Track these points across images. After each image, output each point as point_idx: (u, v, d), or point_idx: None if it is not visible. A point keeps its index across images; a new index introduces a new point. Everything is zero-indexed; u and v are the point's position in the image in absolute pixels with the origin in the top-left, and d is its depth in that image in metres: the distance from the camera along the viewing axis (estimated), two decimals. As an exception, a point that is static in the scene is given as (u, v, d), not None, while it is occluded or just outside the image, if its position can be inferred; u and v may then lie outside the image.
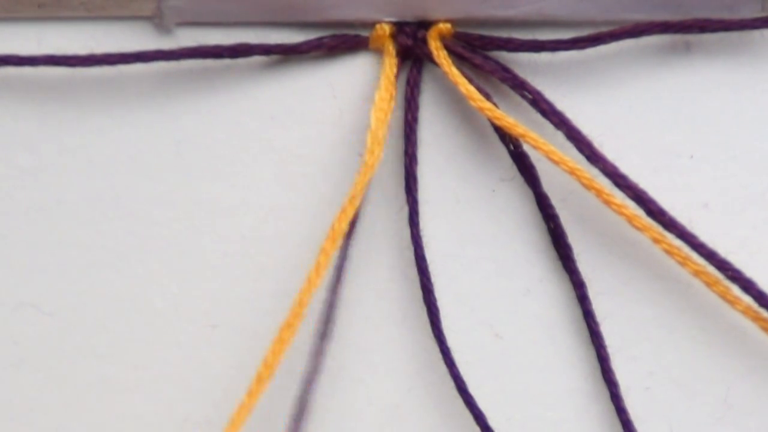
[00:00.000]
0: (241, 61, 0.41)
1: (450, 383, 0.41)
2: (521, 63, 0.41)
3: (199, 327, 0.41)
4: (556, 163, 0.39)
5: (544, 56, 0.41)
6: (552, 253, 0.41)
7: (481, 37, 0.41)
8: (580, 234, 0.41)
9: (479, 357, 0.41)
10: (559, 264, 0.41)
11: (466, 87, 0.40)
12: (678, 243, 0.39)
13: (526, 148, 0.41)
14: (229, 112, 0.41)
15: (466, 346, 0.41)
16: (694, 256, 0.39)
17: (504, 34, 0.41)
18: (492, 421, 0.41)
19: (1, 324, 0.41)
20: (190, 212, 0.41)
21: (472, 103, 0.39)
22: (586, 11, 0.41)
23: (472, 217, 0.41)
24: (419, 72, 0.41)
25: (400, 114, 0.41)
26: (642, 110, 0.41)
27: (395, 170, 0.41)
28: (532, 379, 0.41)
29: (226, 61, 0.41)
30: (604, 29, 0.40)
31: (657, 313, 0.41)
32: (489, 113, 0.39)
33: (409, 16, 0.41)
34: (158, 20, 0.40)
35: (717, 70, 0.41)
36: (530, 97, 0.40)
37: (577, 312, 0.41)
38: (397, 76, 0.40)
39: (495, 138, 0.41)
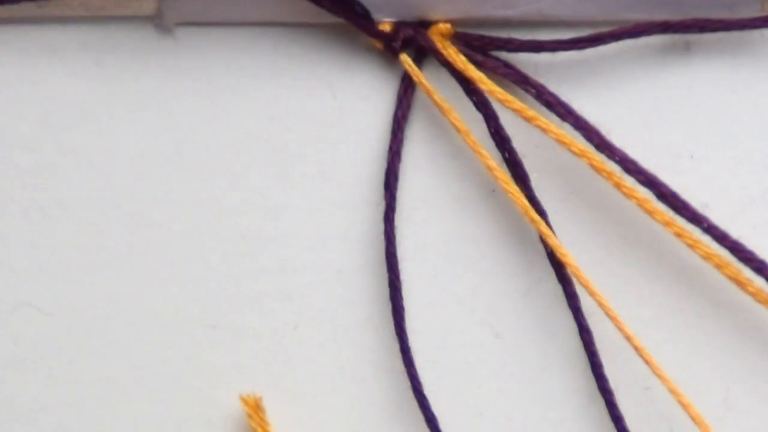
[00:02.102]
0: (241, 61, 0.41)
1: (449, 384, 0.41)
2: (521, 63, 0.41)
3: (199, 327, 0.41)
4: (566, 145, 0.39)
5: (544, 56, 0.41)
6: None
7: (481, 38, 0.41)
8: (580, 234, 0.41)
9: (479, 357, 0.41)
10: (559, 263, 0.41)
11: (475, 73, 0.40)
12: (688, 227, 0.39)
13: (521, 150, 0.41)
14: (229, 112, 0.41)
15: (466, 346, 0.41)
16: (705, 240, 0.39)
17: (504, 34, 0.41)
18: (492, 420, 0.41)
19: (1, 324, 0.41)
20: (190, 212, 0.41)
21: (482, 87, 0.39)
22: (586, 11, 0.41)
23: (472, 217, 0.41)
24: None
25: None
26: (642, 110, 0.41)
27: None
28: (532, 379, 0.41)
29: (226, 61, 0.41)
30: (604, 29, 0.40)
31: (657, 313, 0.41)
32: (500, 96, 0.39)
33: (409, 16, 0.41)
34: (158, 20, 0.40)
35: (717, 70, 0.41)
36: (534, 91, 0.40)
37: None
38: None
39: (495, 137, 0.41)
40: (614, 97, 0.41)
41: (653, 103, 0.41)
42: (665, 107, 0.41)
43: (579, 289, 0.40)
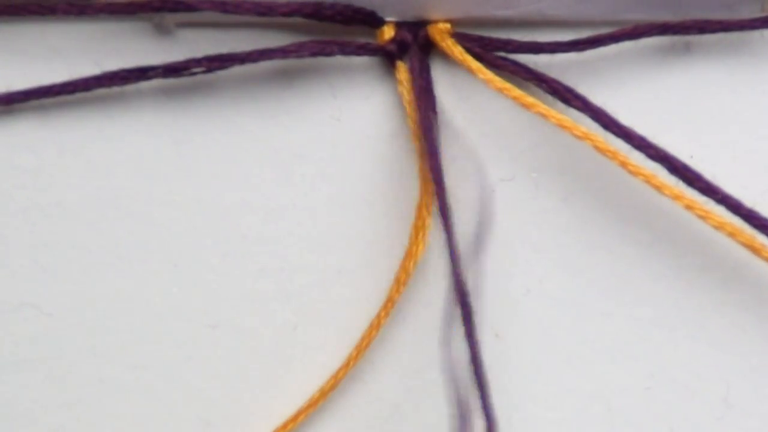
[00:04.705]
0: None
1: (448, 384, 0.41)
2: (521, 63, 0.41)
3: (199, 327, 0.41)
4: (568, 129, 0.39)
5: (543, 57, 0.41)
6: (552, 253, 0.41)
7: (480, 38, 0.41)
8: (580, 234, 0.41)
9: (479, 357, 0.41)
10: (559, 263, 0.41)
11: (473, 63, 0.40)
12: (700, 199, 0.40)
13: (521, 148, 0.41)
14: (229, 112, 0.41)
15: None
16: (717, 210, 0.39)
17: (503, 34, 0.41)
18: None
19: (1, 324, 0.41)
20: (190, 212, 0.41)
21: (481, 77, 0.39)
22: (585, 12, 0.41)
23: (472, 217, 0.41)
24: (423, 70, 0.41)
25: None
26: (642, 110, 0.41)
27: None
28: (532, 379, 0.41)
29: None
30: (603, 29, 0.40)
31: (657, 313, 0.41)
32: (499, 85, 0.39)
33: (408, 16, 0.41)
34: (158, 21, 0.41)
35: (717, 70, 0.41)
36: (535, 80, 0.40)
37: (578, 312, 0.41)
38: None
39: (494, 137, 0.41)
40: (614, 98, 0.41)
41: (653, 104, 0.41)
42: (665, 107, 0.41)
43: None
